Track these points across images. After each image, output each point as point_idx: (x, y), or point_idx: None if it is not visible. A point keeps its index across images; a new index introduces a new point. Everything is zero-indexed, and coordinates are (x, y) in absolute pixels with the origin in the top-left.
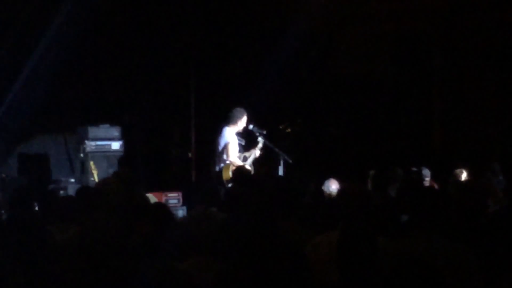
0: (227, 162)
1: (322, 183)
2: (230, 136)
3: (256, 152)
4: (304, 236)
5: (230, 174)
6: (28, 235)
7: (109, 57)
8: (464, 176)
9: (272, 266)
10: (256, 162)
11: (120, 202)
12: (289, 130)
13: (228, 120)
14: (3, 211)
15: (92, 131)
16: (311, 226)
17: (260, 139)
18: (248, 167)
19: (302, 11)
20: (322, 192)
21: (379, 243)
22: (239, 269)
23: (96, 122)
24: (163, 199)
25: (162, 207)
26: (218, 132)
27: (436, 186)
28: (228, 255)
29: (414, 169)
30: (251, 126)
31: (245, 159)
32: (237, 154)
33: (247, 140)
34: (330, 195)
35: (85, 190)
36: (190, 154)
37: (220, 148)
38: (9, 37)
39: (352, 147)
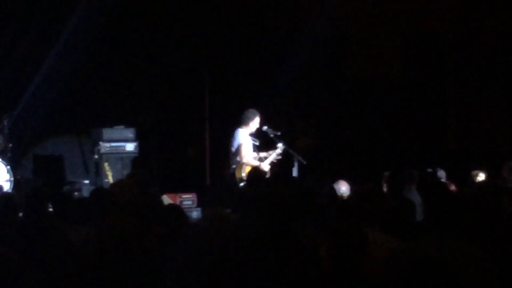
0: (240, 162)
1: (335, 183)
2: (243, 137)
3: (275, 156)
4: (319, 238)
5: (242, 174)
6: (43, 236)
7: (123, 59)
8: (482, 177)
9: (286, 267)
10: (273, 164)
11: (134, 204)
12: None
13: (241, 121)
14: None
15: (107, 132)
16: (325, 228)
17: (280, 144)
18: (265, 168)
19: (317, 13)
20: (336, 193)
21: (395, 245)
22: (254, 270)
23: (110, 124)
24: (178, 201)
25: (176, 209)
26: (231, 135)
27: (452, 187)
28: (243, 256)
29: (429, 170)
30: (265, 128)
31: (261, 160)
32: (252, 154)
33: (261, 141)
34: (341, 196)
35: (99, 191)
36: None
37: (234, 150)
38: (25, 40)
39: (366, 148)
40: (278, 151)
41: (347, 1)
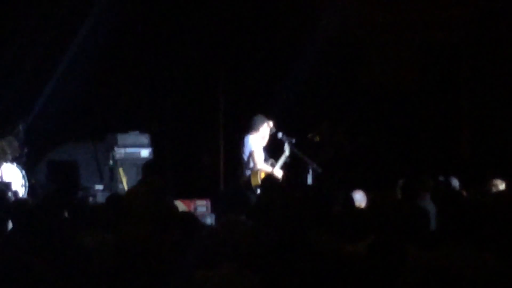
0: (254, 169)
1: (351, 192)
2: (254, 143)
3: (284, 159)
4: (334, 246)
5: (259, 180)
6: (59, 241)
7: (139, 64)
8: (502, 186)
9: (302, 275)
10: (284, 167)
11: (150, 210)
12: (317, 139)
13: (250, 128)
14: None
15: (122, 138)
16: (341, 236)
17: (286, 146)
18: (277, 172)
19: (332, 19)
20: (352, 201)
21: (410, 253)
22: (269, 278)
23: (125, 129)
24: (192, 207)
25: (190, 216)
26: (241, 142)
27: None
28: (258, 264)
29: (441, 178)
30: (280, 135)
31: (273, 164)
32: (264, 161)
33: (275, 148)
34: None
35: (115, 197)
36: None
37: (245, 157)
38: (39, 45)
39: (381, 156)
40: (286, 153)
41: (362, 8)
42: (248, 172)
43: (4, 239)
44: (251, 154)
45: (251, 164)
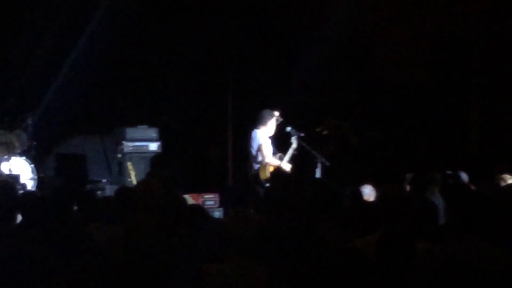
0: (263, 163)
1: (359, 186)
2: (262, 137)
3: (291, 152)
4: (343, 239)
5: (267, 173)
6: (68, 233)
7: (147, 58)
8: (511, 180)
9: (312, 268)
10: (292, 161)
11: (159, 203)
12: (325, 132)
13: (258, 122)
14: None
15: (130, 132)
16: (350, 230)
17: (293, 139)
18: (285, 166)
19: (340, 14)
20: (360, 195)
21: (420, 247)
22: (278, 272)
23: (134, 123)
24: (200, 201)
25: (199, 209)
26: (248, 136)
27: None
28: (267, 258)
29: (449, 172)
30: (289, 129)
31: (281, 158)
32: (272, 154)
33: (283, 141)
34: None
35: (124, 191)
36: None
37: (254, 151)
38: (47, 39)
39: (388, 150)
40: (293, 146)
41: (371, 2)
42: (256, 166)
43: (13, 231)
44: (259, 148)
45: (260, 158)
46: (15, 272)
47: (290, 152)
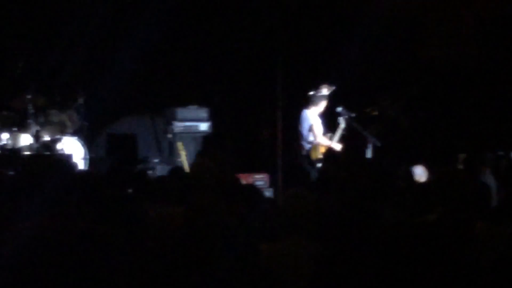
0: (314, 143)
1: (412, 166)
2: (313, 118)
3: (340, 132)
4: (400, 218)
5: (319, 153)
6: (126, 213)
7: (198, 39)
8: None
9: (369, 248)
10: (341, 141)
11: (215, 183)
12: (375, 113)
13: (311, 102)
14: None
15: (181, 112)
16: (405, 210)
17: (341, 119)
18: (335, 146)
19: None
20: (412, 175)
21: (478, 228)
22: (335, 251)
23: (184, 103)
24: (250, 181)
25: (253, 189)
26: (298, 116)
27: None
28: (323, 236)
29: (501, 153)
30: (339, 109)
31: (331, 138)
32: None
33: (330, 121)
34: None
35: (178, 170)
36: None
37: (305, 131)
38: (99, 20)
39: (441, 131)
40: (342, 126)
41: None
42: (307, 146)
43: (72, 209)
44: (311, 128)
45: (310, 138)
46: (76, 250)
47: (339, 132)
